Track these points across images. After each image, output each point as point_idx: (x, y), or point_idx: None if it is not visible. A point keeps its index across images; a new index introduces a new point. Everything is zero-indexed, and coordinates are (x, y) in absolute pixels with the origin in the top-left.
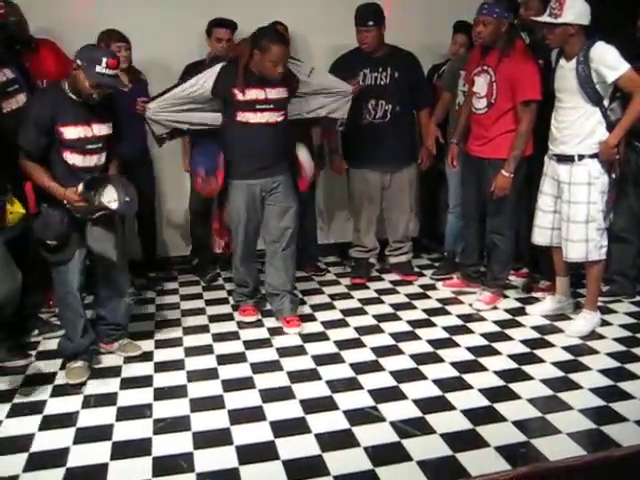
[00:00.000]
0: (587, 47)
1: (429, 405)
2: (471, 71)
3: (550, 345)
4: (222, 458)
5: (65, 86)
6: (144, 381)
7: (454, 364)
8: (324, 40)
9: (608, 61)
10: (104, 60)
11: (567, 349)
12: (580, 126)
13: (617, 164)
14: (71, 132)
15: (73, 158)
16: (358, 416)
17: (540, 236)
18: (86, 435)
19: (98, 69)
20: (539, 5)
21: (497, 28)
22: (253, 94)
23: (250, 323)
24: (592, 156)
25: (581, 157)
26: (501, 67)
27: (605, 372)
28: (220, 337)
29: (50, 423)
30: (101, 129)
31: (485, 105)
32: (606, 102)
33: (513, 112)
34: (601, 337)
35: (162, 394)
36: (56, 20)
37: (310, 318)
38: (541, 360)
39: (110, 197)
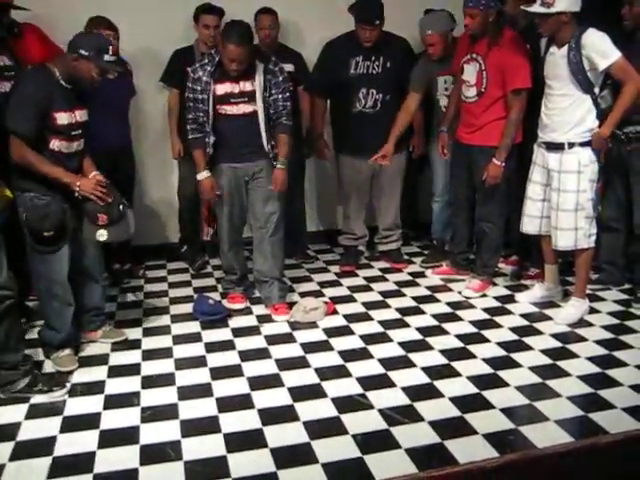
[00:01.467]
0: (579, 34)
1: (418, 393)
2: (460, 59)
3: (539, 333)
4: (210, 446)
5: (56, 72)
6: (131, 369)
7: (443, 352)
8: (316, 26)
9: (600, 48)
10: (110, 48)
11: (555, 337)
12: (570, 113)
13: (603, 153)
14: (63, 118)
15: (60, 145)
16: (346, 404)
17: (529, 225)
18: (73, 424)
19: (106, 57)
20: None
21: (484, 19)
22: (227, 88)
23: (238, 310)
24: (582, 144)
25: (571, 145)
26: (490, 55)
27: (593, 360)
28: (208, 325)
29: (36, 412)
30: (82, 115)
31: (475, 94)
32: (597, 89)
33: (503, 100)
34: (589, 325)
35: (150, 382)
36: (40, 5)
37: None
38: (530, 348)
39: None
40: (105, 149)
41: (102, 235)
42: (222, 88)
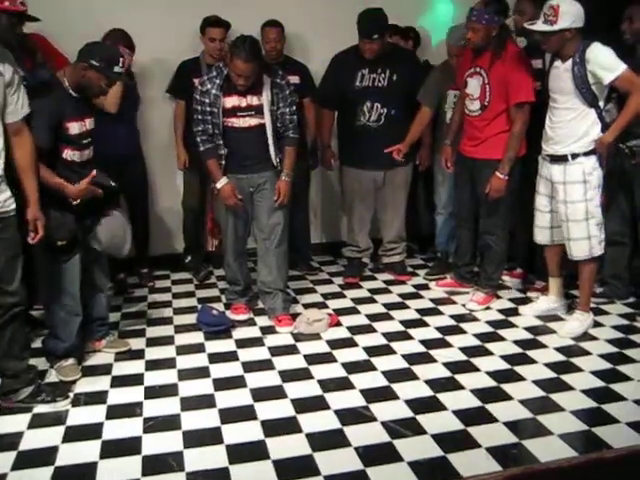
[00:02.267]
0: (583, 48)
1: (421, 405)
2: (464, 73)
3: (543, 346)
4: (212, 457)
5: (65, 82)
6: (135, 379)
7: (446, 364)
8: (323, 39)
9: (604, 62)
10: (120, 60)
11: (560, 350)
12: (575, 126)
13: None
14: (75, 128)
15: (73, 154)
16: (349, 416)
17: (540, 235)
18: (76, 433)
19: (116, 69)
20: (533, 10)
21: (487, 33)
22: (235, 101)
23: (242, 321)
24: (586, 154)
25: (574, 156)
26: (494, 69)
27: (597, 373)
28: (212, 336)
29: (39, 421)
30: (90, 123)
31: (478, 107)
32: (601, 103)
33: (506, 113)
34: (593, 338)
35: (153, 392)
36: (50, 17)
37: None
38: (533, 361)
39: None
40: (115, 156)
41: (98, 243)
42: (230, 101)
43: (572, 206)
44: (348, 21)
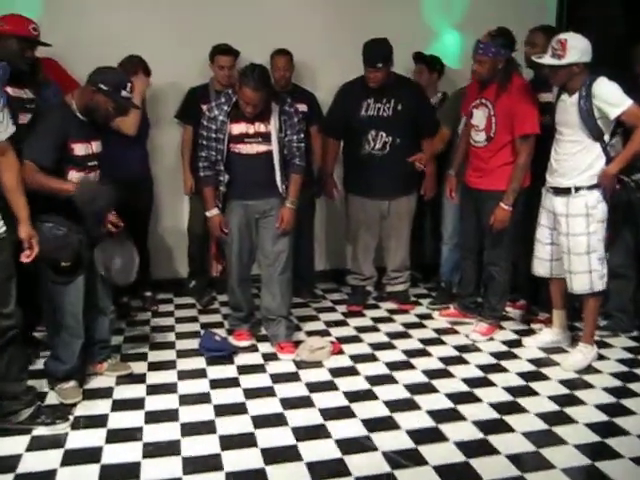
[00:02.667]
0: (589, 82)
1: (423, 436)
2: (469, 104)
3: (546, 378)
4: None
5: (73, 104)
6: (136, 404)
7: (449, 395)
8: (331, 68)
9: (610, 98)
10: (128, 85)
11: (563, 383)
12: (579, 159)
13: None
14: (80, 149)
15: (77, 176)
16: (351, 445)
17: (540, 267)
18: (74, 457)
19: (124, 93)
20: (544, 42)
21: (493, 66)
22: (242, 128)
23: (244, 348)
24: (589, 187)
25: (577, 189)
26: (499, 101)
27: (601, 407)
28: (214, 361)
29: (38, 444)
30: (97, 146)
31: (484, 138)
32: (607, 137)
33: (511, 145)
34: (597, 371)
35: (153, 417)
36: (64, 42)
37: None
38: (536, 393)
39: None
40: (125, 179)
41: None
42: (237, 128)
43: (574, 239)
44: (356, 50)
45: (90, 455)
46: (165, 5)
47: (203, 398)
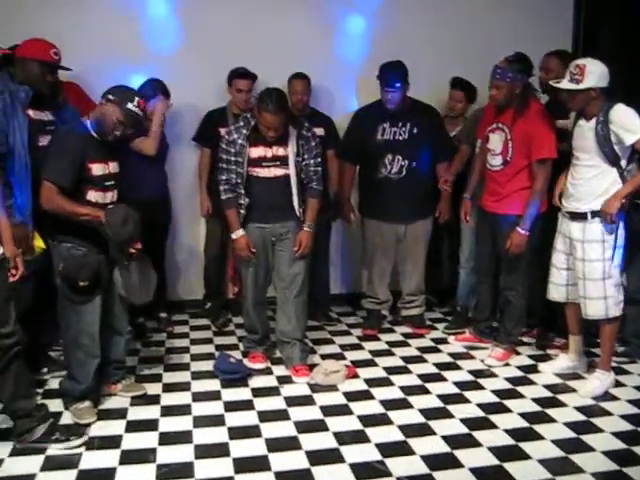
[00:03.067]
0: (607, 108)
1: (437, 462)
2: (486, 128)
3: (562, 405)
4: None
5: (87, 124)
6: (149, 425)
7: (464, 420)
8: (346, 92)
9: (627, 124)
10: (136, 99)
11: (579, 409)
12: (596, 184)
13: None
14: (98, 169)
15: (96, 196)
16: (364, 470)
17: (555, 292)
18: (88, 477)
19: (129, 105)
20: (559, 67)
21: (511, 91)
22: (261, 152)
23: (259, 370)
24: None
25: (594, 214)
26: (516, 126)
27: (618, 435)
28: (228, 384)
29: (52, 464)
30: (114, 167)
31: (500, 162)
32: (623, 163)
33: (528, 169)
34: (614, 398)
35: (167, 439)
36: (83, 65)
37: None
38: (553, 420)
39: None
40: (143, 199)
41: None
42: (256, 152)
43: (590, 265)
44: (372, 75)
45: (104, 476)
46: (184, 29)
47: (217, 420)
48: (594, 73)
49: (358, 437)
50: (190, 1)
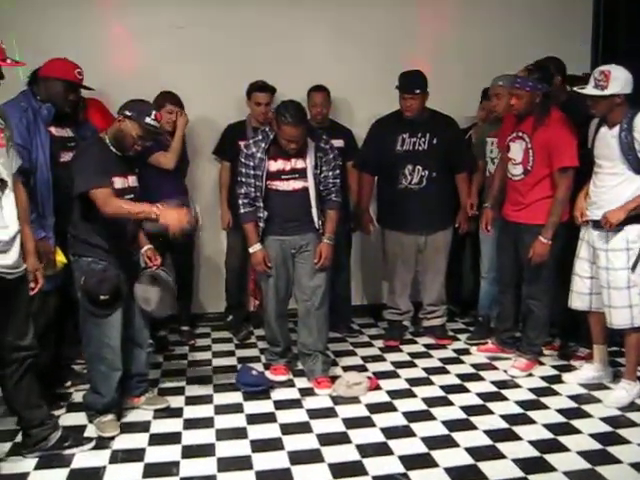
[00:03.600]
0: (631, 115)
1: (461, 474)
2: (506, 137)
3: (587, 415)
4: None
5: (106, 139)
6: (172, 438)
7: (487, 432)
8: (365, 104)
9: None
10: (153, 112)
11: (605, 420)
12: (619, 192)
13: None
14: (118, 183)
15: None
16: None
17: (578, 301)
18: None
19: (147, 120)
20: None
21: (531, 100)
22: (280, 165)
23: (281, 382)
24: (629, 221)
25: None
26: (537, 134)
27: None
28: (250, 396)
29: (77, 477)
30: (133, 180)
31: (521, 172)
32: None
33: (550, 178)
34: None
35: (190, 452)
36: (103, 80)
37: None
38: (578, 431)
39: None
40: None
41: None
42: (275, 165)
43: (614, 273)
44: (391, 86)
45: None
46: (203, 42)
47: (240, 433)
48: (619, 79)
49: (381, 449)
50: (209, 15)
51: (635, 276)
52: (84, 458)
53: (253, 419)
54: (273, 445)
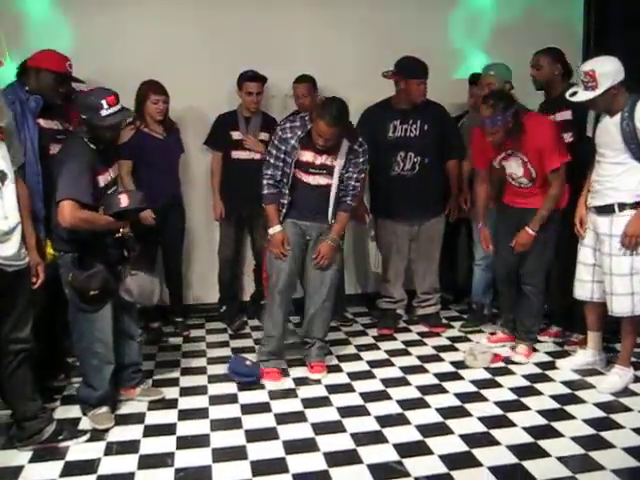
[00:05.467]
0: (632, 102)
1: (455, 461)
2: (488, 159)
3: (581, 401)
4: None
5: (84, 137)
6: (167, 429)
7: (482, 419)
8: (353, 94)
9: None
10: (103, 102)
11: (599, 406)
12: (624, 181)
13: None
14: (102, 180)
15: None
16: (382, 470)
17: (581, 289)
18: None
19: (103, 113)
20: (549, 64)
21: (505, 129)
22: (310, 157)
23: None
24: (633, 205)
25: (622, 207)
26: (525, 145)
27: (639, 431)
28: (245, 387)
29: (71, 469)
30: (114, 171)
31: (527, 181)
32: None
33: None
34: (634, 394)
35: (185, 443)
36: (98, 71)
37: (336, 369)
38: (572, 417)
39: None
40: (156, 207)
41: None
42: (305, 156)
43: (617, 259)
44: (378, 77)
45: None
46: (193, 34)
47: (234, 423)
48: (606, 74)
49: (375, 438)
50: (198, 5)
51: (639, 263)
52: (79, 450)
53: (248, 409)
54: (268, 435)
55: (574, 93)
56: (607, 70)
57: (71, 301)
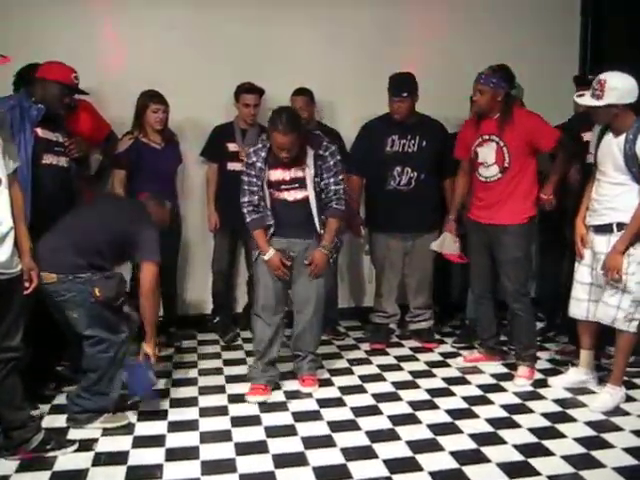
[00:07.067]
0: (637, 128)
1: (445, 478)
2: (468, 146)
3: (572, 420)
4: None
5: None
6: (156, 440)
7: (472, 436)
8: (352, 106)
9: None
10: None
11: (590, 424)
12: (623, 201)
13: None
14: None
15: None
16: None
17: (576, 308)
18: None
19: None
20: None
21: (493, 97)
22: (279, 175)
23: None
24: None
25: (620, 227)
26: (506, 133)
27: (629, 450)
28: (236, 398)
29: (59, 479)
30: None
31: (497, 171)
32: None
33: (526, 173)
34: (626, 413)
35: (174, 454)
36: (98, 81)
37: (328, 383)
38: (562, 435)
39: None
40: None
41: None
42: (274, 174)
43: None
44: (378, 90)
45: None
46: (191, 44)
47: (224, 436)
48: (615, 89)
49: (365, 453)
50: (199, 18)
51: (632, 283)
52: (67, 461)
53: (238, 422)
54: (258, 448)
55: (581, 95)
56: (618, 86)
57: (99, 321)
